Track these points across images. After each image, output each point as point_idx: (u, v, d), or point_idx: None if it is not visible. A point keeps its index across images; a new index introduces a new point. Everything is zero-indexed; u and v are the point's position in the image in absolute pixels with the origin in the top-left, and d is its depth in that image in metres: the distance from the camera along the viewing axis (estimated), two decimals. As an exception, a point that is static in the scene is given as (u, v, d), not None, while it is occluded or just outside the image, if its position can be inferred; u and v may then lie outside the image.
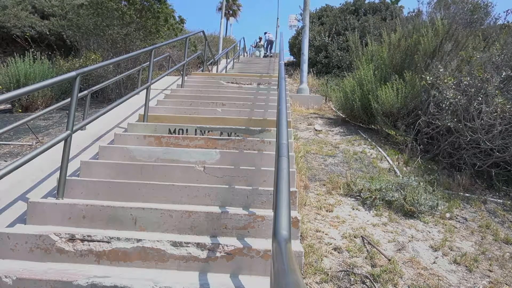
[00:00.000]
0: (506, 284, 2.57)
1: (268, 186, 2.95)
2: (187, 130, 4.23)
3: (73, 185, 2.88)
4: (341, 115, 6.36)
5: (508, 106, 4.01)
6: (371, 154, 4.66)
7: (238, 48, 16.01)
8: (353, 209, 3.36)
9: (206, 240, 2.22)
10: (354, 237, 2.89)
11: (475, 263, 2.76)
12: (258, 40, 21.00)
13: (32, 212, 2.54)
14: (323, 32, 12.42)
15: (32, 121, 5.19)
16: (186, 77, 7.15)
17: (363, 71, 5.90)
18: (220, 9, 22.31)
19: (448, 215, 3.44)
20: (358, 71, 6.13)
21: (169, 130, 4.21)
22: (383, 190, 3.55)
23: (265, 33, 21.20)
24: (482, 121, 4.11)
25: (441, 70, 4.71)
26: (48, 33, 10.85)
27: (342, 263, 2.55)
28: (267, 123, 4.49)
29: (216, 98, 5.77)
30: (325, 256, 2.59)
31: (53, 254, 2.18)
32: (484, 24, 6.56)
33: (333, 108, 7.03)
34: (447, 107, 4.51)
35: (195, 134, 4.18)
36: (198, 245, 2.15)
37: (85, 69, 3.26)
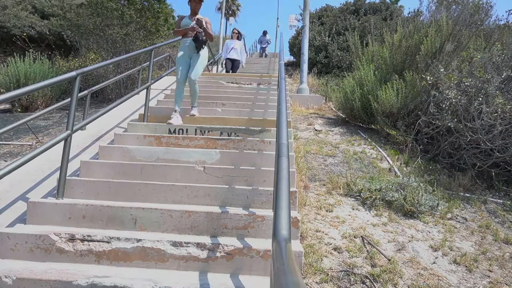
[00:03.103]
0: (506, 284, 2.57)
1: (268, 186, 2.95)
2: (187, 130, 4.23)
3: (73, 185, 2.88)
4: (341, 115, 6.36)
5: (508, 107, 4.01)
6: (371, 154, 4.66)
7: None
8: (353, 209, 3.36)
9: (206, 240, 2.22)
10: (354, 237, 2.88)
11: (475, 263, 2.76)
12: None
13: (32, 212, 2.54)
14: (323, 32, 12.43)
15: (32, 121, 5.19)
16: (186, 77, 7.13)
17: (363, 71, 5.90)
18: (219, 9, 21.64)
19: (448, 215, 3.44)
20: (358, 71, 6.13)
21: (169, 130, 4.21)
22: (383, 190, 3.55)
23: (265, 32, 17.92)
24: (483, 121, 4.11)
25: (441, 70, 4.71)
26: (48, 33, 10.85)
27: (342, 263, 2.55)
28: (267, 123, 4.49)
29: (216, 98, 5.77)
30: (325, 256, 2.59)
31: (53, 254, 2.18)
32: (484, 25, 6.56)
33: (333, 108, 7.03)
34: (447, 107, 4.51)
35: (195, 134, 4.18)
36: (198, 245, 2.15)
37: (85, 69, 3.26)
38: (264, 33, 17.55)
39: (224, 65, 9.42)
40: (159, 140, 3.87)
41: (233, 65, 9.29)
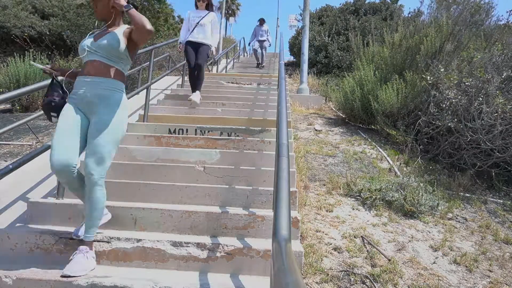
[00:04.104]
0: (506, 284, 2.57)
1: (268, 186, 2.95)
2: (187, 130, 4.23)
3: (73, 185, 2.87)
4: (341, 115, 6.36)
5: (508, 107, 4.01)
6: (371, 154, 4.66)
7: (238, 48, 16.00)
8: (353, 209, 3.36)
9: (206, 240, 2.22)
10: (354, 237, 2.88)
11: (475, 263, 2.76)
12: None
13: (32, 212, 2.54)
14: (323, 32, 12.42)
15: (32, 121, 5.19)
16: (186, 77, 7.15)
17: (364, 71, 5.90)
18: (219, 8, 21.10)
19: (448, 215, 3.44)
20: (358, 71, 6.14)
21: (169, 130, 4.21)
22: (383, 190, 3.55)
23: (262, 21, 12.11)
24: (483, 121, 4.11)
25: (441, 70, 4.71)
26: (48, 33, 10.86)
27: (342, 263, 2.55)
28: (267, 123, 4.49)
29: (216, 98, 5.77)
30: (325, 256, 2.59)
31: (53, 254, 2.18)
32: (484, 25, 6.56)
33: (333, 108, 7.03)
34: (447, 107, 4.51)
35: (195, 134, 4.18)
36: (198, 245, 2.15)
37: (85, 69, 3.25)
38: (261, 22, 11.88)
39: (184, 53, 5.29)
40: (159, 140, 3.87)
41: (197, 52, 5.09)
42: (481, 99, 4.21)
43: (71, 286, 1.84)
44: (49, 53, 9.81)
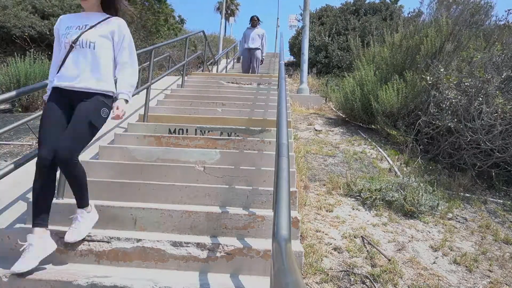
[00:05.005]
0: (506, 284, 2.57)
1: (268, 186, 2.95)
2: (187, 130, 4.23)
3: (73, 185, 2.87)
4: (341, 115, 6.36)
5: (508, 107, 4.01)
6: (371, 154, 4.66)
7: (238, 48, 15.99)
8: (353, 209, 3.36)
9: (206, 240, 2.22)
10: (354, 237, 2.88)
11: (475, 263, 2.76)
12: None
13: (32, 212, 2.54)
14: (323, 32, 12.43)
15: (32, 121, 5.19)
16: (186, 77, 7.15)
17: (364, 71, 5.90)
18: (218, 8, 20.98)
19: (448, 215, 3.44)
20: (358, 71, 6.14)
21: (169, 130, 4.21)
22: (383, 190, 3.54)
23: (254, 20, 8.56)
24: (483, 122, 4.11)
25: (441, 70, 4.71)
26: (48, 33, 10.85)
27: (342, 263, 2.55)
28: (267, 123, 4.49)
29: (216, 98, 5.77)
30: (325, 256, 2.59)
31: (53, 254, 2.18)
32: (484, 25, 6.57)
33: (333, 108, 7.03)
34: (447, 107, 4.51)
35: (195, 134, 4.18)
36: (198, 245, 2.15)
37: (85, 69, 3.25)
38: (253, 22, 8.52)
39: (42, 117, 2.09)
40: (159, 140, 3.87)
41: (74, 116, 2.12)
42: (481, 99, 4.21)
43: (71, 286, 1.84)
44: (50, 53, 9.80)
